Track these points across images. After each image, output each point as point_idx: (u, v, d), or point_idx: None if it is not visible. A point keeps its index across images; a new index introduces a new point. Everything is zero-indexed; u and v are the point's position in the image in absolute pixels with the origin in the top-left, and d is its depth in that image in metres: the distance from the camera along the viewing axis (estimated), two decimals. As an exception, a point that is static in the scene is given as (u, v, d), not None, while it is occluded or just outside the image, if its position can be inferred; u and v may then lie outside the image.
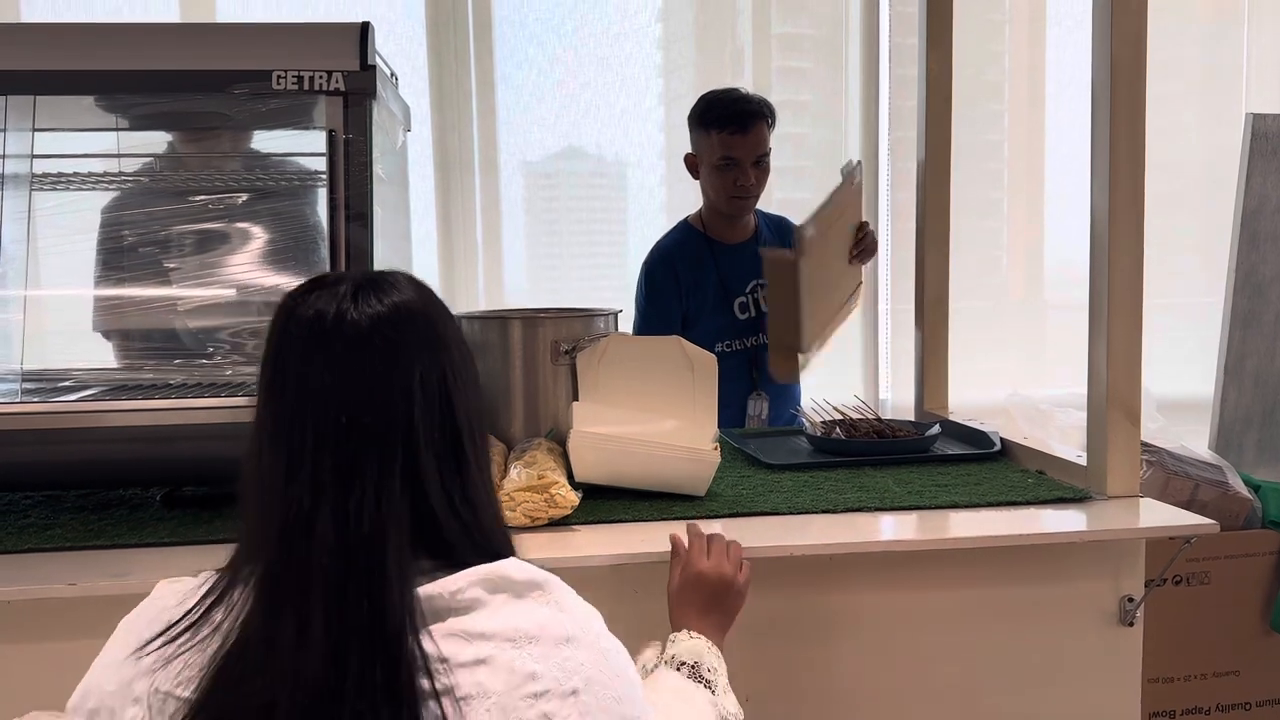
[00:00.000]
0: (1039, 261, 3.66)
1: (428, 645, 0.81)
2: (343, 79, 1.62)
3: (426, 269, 3.07)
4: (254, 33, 1.70)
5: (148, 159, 1.99)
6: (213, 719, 0.81)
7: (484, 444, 0.94)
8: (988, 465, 1.90)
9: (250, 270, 1.85)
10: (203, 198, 1.85)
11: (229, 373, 1.76)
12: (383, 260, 1.73)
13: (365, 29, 1.65)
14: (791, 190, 3.41)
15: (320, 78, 1.62)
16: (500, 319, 1.92)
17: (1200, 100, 3.52)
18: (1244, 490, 2.36)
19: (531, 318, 1.90)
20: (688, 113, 2.51)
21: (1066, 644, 1.58)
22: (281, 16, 3.00)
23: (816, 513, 1.60)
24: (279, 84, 1.61)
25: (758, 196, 2.49)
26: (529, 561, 0.89)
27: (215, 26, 1.64)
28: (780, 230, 2.65)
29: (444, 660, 0.81)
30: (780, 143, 2.55)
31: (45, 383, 1.80)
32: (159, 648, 0.85)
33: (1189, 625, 2.24)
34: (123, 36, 1.68)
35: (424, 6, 3.11)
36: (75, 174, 1.83)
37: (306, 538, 0.82)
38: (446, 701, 0.79)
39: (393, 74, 1.90)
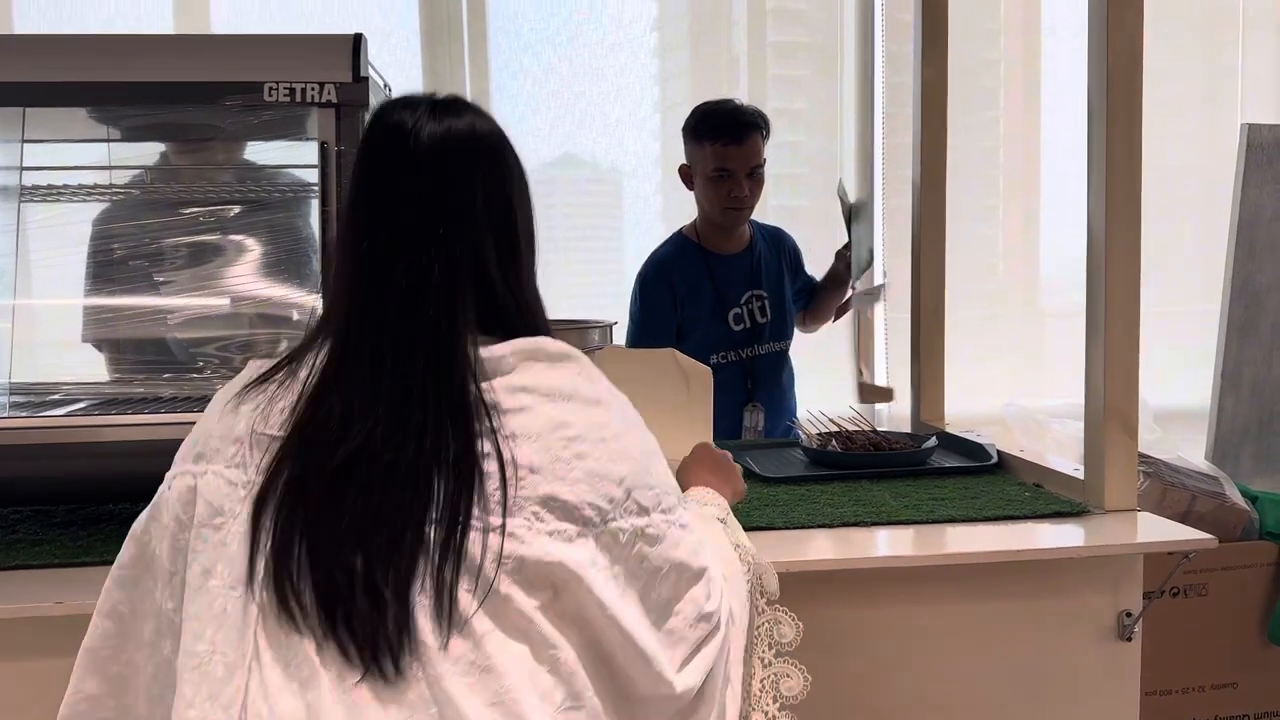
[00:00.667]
0: (1034, 268, 3.66)
1: (479, 395, 0.93)
2: (335, 90, 1.61)
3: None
4: (245, 44, 1.69)
5: (139, 170, 1.98)
6: (294, 452, 0.92)
7: (533, 254, 1.07)
8: (985, 478, 1.89)
9: (241, 283, 1.84)
10: (194, 209, 1.84)
11: (219, 386, 1.74)
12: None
13: (358, 40, 1.64)
14: (787, 198, 3.40)
15: (312, 89, 1.61)
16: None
17: (1195, 108, 3.52)
18: (1241, 501, 2.35)
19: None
20: (682, 123, 2.50)
21: (1064, 660, 1.57)
22: (276, 28, 2.99)
23: (813, 527, 1.59)
24: (270, 95, 1.60)
25: (752, 208, 2.48)
26: None
27: (206, 38, 1.63)
28: (775, 241, 2.64)
29: (494, 406, 0.92)
30: (775, 151, 2.55)
31: (34, 396, 1.78)
32: (252, 393, 0.97)
33: (1187, 637, 2.23)
34: (113, 48, 1.67)
35: (418, 17, 3.11)
36: (65, 186, 1.82)
37: (382, 285, 0.94)
38: (499, 439, 0.91)
39: (386, 85, 1.89)
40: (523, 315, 1.02)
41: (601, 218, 3.49)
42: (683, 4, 3.40)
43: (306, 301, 1.84)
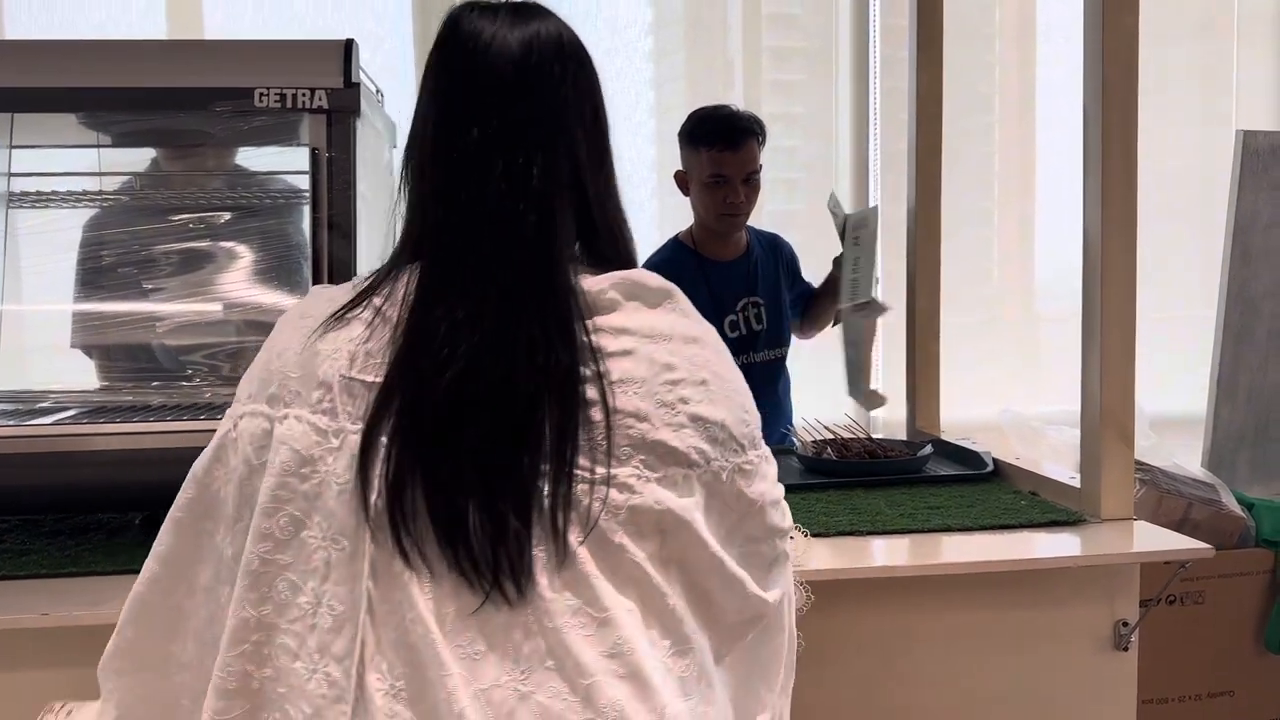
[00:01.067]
0: (1030, 273, 3.65)
1: (583, 337, 0.90)
2: (326, 96, 1.60)
3: (414, 285, 3.04)
4: (236, 50, 1.69)
5: (129, 176, 1.97)
6: (401, 385, 0.88)
7: (614, 173, 1.03)
8: (980, 486, 1.88)
9: (232, 290, 1.82)
10: (184, 216, 1.83)
11: (208, 395, 1.73)
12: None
13: (349, 46, 1.63)
14: (783, 203, 3.39)
15: (303, 95, 1.60)
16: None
17: (1190, 114, 3.52)
18: (1237, 509, 2.34)
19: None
20: (678, 128, 2.49)
21: (1060, 670, 1.56)
22: (270, 32, 2.98)
23: (809, 536, 1.58)
24: (261, 101, 1.59)
25: (748, 214, 2.47)
26: None
27: (197, 44, 1.62)
28: (772, 248, 2.63)
29: (599, 350, 0.90)
30: (771, 156, 2.54)
31: (21, 404, 1.76)
32: (331, 331, 0.91)
33: (1183, 645, 2.22)
34: (102, 54, 1.66)
35: (411, 22, 3.10)
36: (54, 192, 1.80)
37: (476, 199, 0.91)
38: (604, 385, 0.89)
39: (378, 91, 1.88)
40: (614, 236, 1.00)
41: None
42: (678, 8, 3.39)
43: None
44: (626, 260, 1.00)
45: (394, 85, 2.90)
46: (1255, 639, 2.30)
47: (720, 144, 2.37)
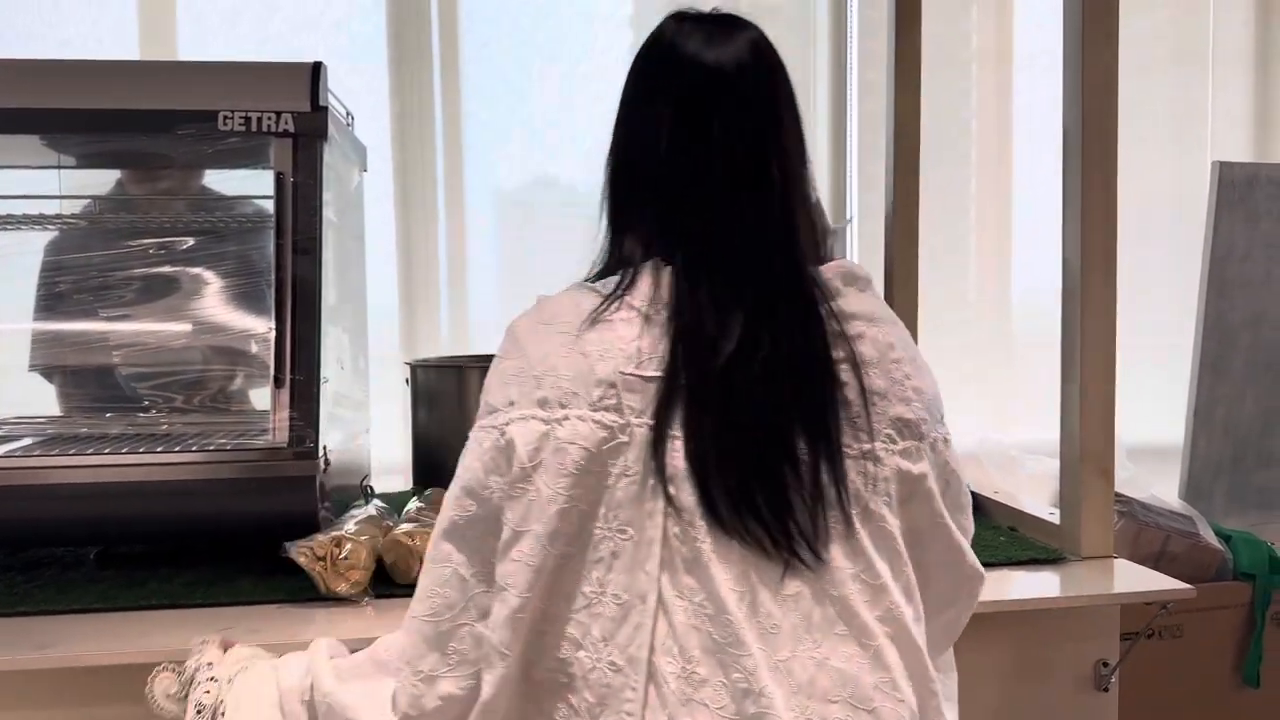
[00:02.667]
0: (1006, 296, 3.64)
1: (831, 322, 0.98)
2: (292, 120, 1.56)
3: (385, 311, 2.99)
4: (201, 71, 1.65)
5: (90, 200, 1.92)
6: (682, 380, 0.92)
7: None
8: (958, 520, 1.85)
9: (194, 315, 1.78)
10: (146, 240, 1.78)
11: (165, 426, 1.68)
12: (335, 305, 1.67)
13: (317, 69, 1.60)
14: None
15: (269, 118, 1.56)
16: (456, 368, 1.85)
17: (1164, 143, 3.53)
18: (1215, 541, 2.32)
19: (489, 367, 1.83)
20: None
21: (1039, 712, 1.53)
22: (243, 50, 2.93)
23: (782, 574, 1.54)
24: (225, 124, 1.55)
25: None
26: None
27: (161, 65, 1.58)
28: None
29: (843, 335, 0.97)
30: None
31: (-26, 432, 1.71)
32: (593, 332, 0.95)
33: (1162, 680, 2.20)
34: (64, 74, 1.62)
35: (386, 44, 3.06)
36: (10, 215, 1.75)
37: (731, 219, 0.98)
38: (856, 366, 0.96)
39: (348, 114, 1.84)
40: (812, 226, 1.04)
41: (577, 240, 3.43)
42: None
43: (262, 334, 1.78)
44: (823, 249, 1.08)
45: (368, 106, 2.87)
46: (1234, 673, 2.28)
47: None
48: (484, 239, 3.24)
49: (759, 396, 0.94)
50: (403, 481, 2.45)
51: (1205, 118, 3.58)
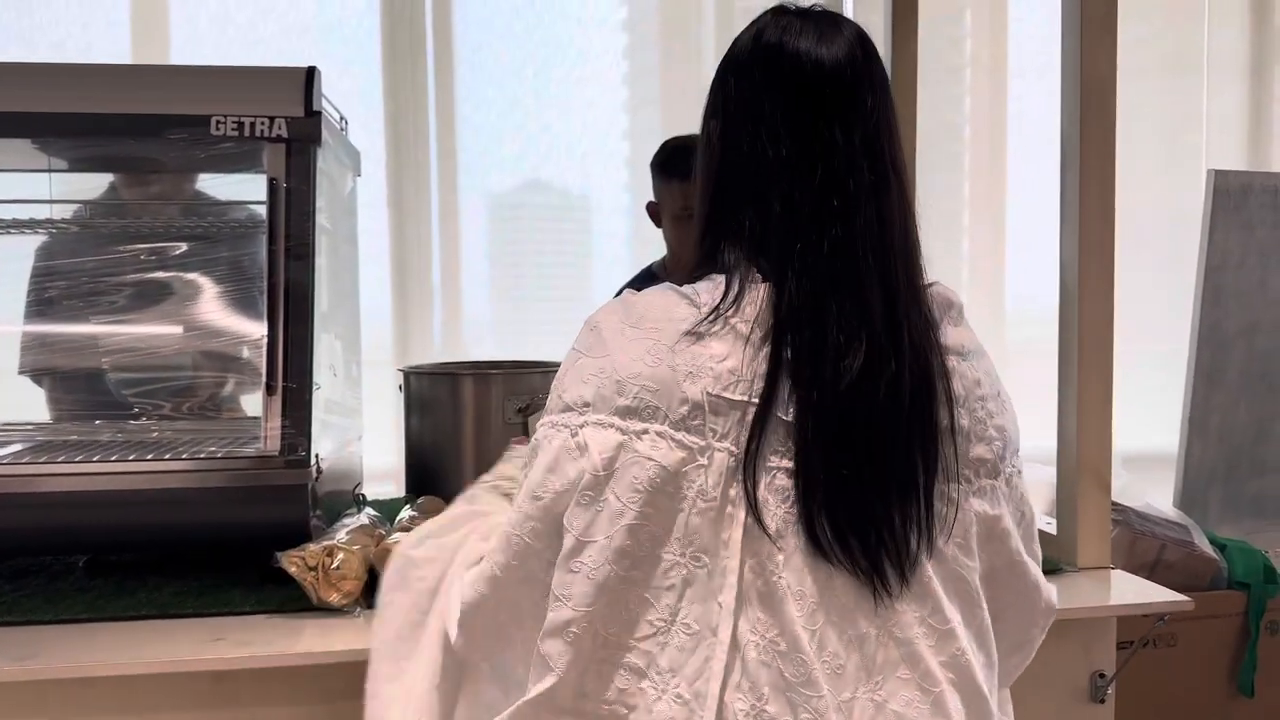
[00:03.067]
0: (1000, 301, 3.64)
1: (938, 357, 0.93)
2: (286, 125, 1.55)
3: (378, 316, 2.98)
4: (193, 76, 1.63)
5: (81, 204, 1.90)
6: (779, 416, 0.89)
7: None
8: (954, 529, 1.85)
9: (185, 321, 1.76)
10: (138, 245, 1.77)
11: (155, 433, 1.66)
12: (327, 312, 1.66)
13: (311, 74, 1.58)
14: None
15: (262, 123, 1.54)
16: (450, 375, 1.84)
17: (1159, 149, 3.54)
18: (1210, 550, 2.32)
19: (482, 374, 1.82)
20: (651, 157, 2.46)
21: (1036, 723, 1.52)
22: (235, 53, 2.92)
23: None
24: (218, 129, 1.54)
25: None
26: None
27: (154, 69, 1.57)
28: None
29: (945, 368, 0.93)
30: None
31: (-38, 438, 1.69)
32: (684, 348, 0.90)
33: (1157, 689, 2.19)
34: (56, 78, 1.60)
35: (380, 47, 3.05)
36: (14, 219, 1.74)
37: (853, 228, 0.92)
38: (951, 402, 0.93)
39: (342, 118, 1.83)
40: (910, 248, 0.97)
41: (570, 245, 3.43)
42: (652, 32, 3.37)
43: (254, 340, 1.76)
44: (921, 273, 1.00)
45: (362, 110, 2.86)
46: (1229, 681, 2.27)
47: (692, 176, 2.33)
48: (476, 242, 3.23)
49: (879, 425, 0.89)
50: (394, 488, 2.43)
51: (1199, 125, 3.59)
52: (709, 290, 0.93)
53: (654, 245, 2.60)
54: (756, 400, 0.88)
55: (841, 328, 0.89)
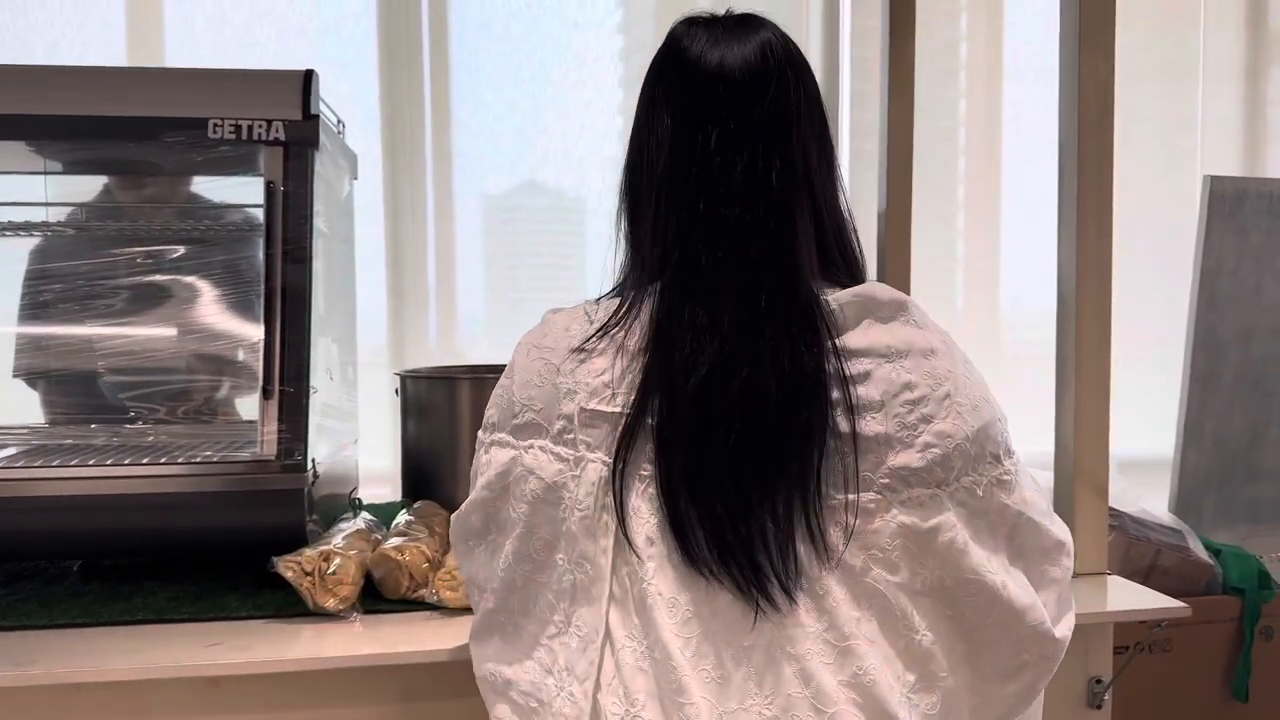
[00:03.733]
0: (995, 306, 3.65)
1: (833, 359, 0.89)
2: (283, 128, 1.54)
3: (374, 319, 2.97)
4: (190, 78, 1.62)
5: (76, 207, 1.89)
6: (648, 412, 0.90)
7: (841, 179, 1.01)
8: (951, 534, 1.84)
9: (181, 324, 1.75)
10: (134, 248, 1.76)
11: (150, 438, 1.66)
12: (324, 315, 1.65)
13: (309, 77, 1.58)
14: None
15: (259, 126, 1.54)
16: (447, 379, 1.84)
17: (1154, 155, 3.54)
18: (1205, 555, 2.33)
19: (479, 378, 1.82)
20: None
21: (1033, 729, 1.52)
22: (230, 55, 2.91)
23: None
24: (215, 132, 1.53)
25: None
26: None
27: (151, 71, 1.56)
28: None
29: (844, 375, 0.89)
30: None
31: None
32: (570, 363, 0.94)
33: (1151, 694, 2.20)
34: (49, 80, 1.59)
35: (377, 49, 3.05)
36: (10, 222, 1.73)
37: (717, 207, 0.91)
38: (852, 411, 0.88)
39: (339, 121, 1.82)
40: (842, 241, 0.98)
41: (565, 248, 3.43)
42: (649, 35, 3.37)
43: (250, 343, 1.76)
44: (854, 267, 1.00)
45: (358, 113, 2.86)
46: (1223, 687, 2.28)
47: None
48: (472, 245, 3.22)
49: (737, 427, 0.87)
50: (390, 491, 2.43)
51: (1194, 129, 3.59)
52: (608, 307, 0.97)
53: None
54: (628, 411, 0.91)
55: (693, 337, 0.89)
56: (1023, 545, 0.95)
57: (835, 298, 0.94)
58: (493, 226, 3.28)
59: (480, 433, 1.03)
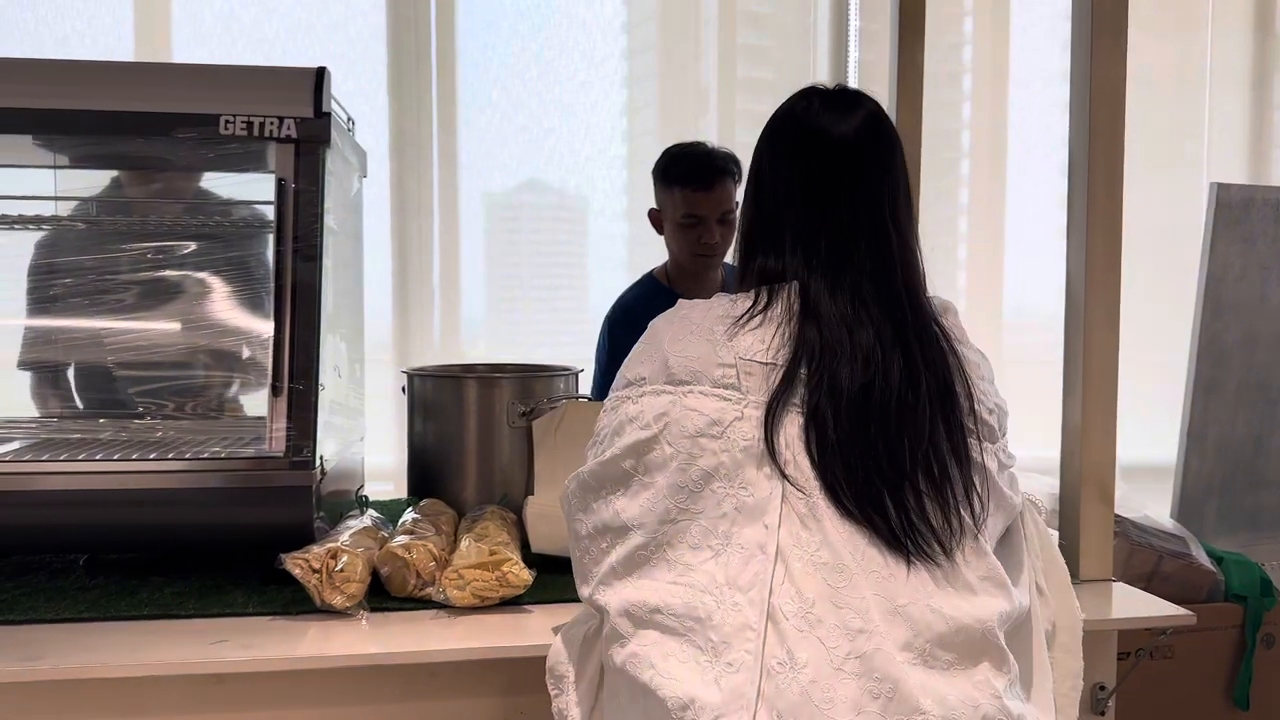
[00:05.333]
0: (997, 310, 3.65)
1: (951, 356, 1.14)
2: (295, 125, 1.55)
3: (381, 317, 2.98)
4: (202, 74, 1.62)
5: (85, 202, 1.89)
6: (805, 370, 1.08)
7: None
8: (955, 539, 1.84)
9: (186, 321, 1.75)
10: (142, 243, 1.76)
11: (159, 433, 1.66)
12: (332, 313, 1.65)
13: (321, 74, 1.58)
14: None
15: (271, 123, 1.54)
16: (455, 378, 1.84)
17: (1159, 163, 3.55)
18: (1207, 562, 2.33)
19: (487, 377, 1.82)
20: (652, 165, 2.46)
21: (1037, 734, 1.52)
22: (239, 53, 2.91)
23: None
24: (226, 129, 1.53)
25: (724, 253, 2.42)
26: None
27: (163, 67, 1.56)
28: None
29: (961, 358, 1.14)
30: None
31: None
32: (722, 329, 1.12)
33: (1153, 701, 2.20)
34: (61, 74, 1.59)
35: (386, 47, 3.05)
36: (5, 215, 1.73)
37: (858, 264, 1.14)
38: (963, 380, 1.12)
39: (349, 119, 1.82)
40: (914, 266, 1.19)
41: (567, 246, 3.43)
42: (652, 35, 3.37)
43: (259, 340, 1.76)
44: (919, 286, 1.19)
45: (367, 110, 2.86)
46: (1225, 694, 2.28)
47: (694, 184, 2.32)
48: (475, 243, 3.23)
49: (887, 409, 1.07)
50: (393, 488, 2.43)
51: (1201, 135, 3.60)
52: (746, 298, 1.16)
53: (651, 247, 2.60)
54: (784, 363, 1.08)
55: (851, 325, 1.10)
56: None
57: (932, 299, 1.19)
58: (495, 223, 3.29)
59: (623, 390, 1.16)
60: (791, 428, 1.06)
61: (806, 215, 1.17)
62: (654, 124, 3.34)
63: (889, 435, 1.06)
